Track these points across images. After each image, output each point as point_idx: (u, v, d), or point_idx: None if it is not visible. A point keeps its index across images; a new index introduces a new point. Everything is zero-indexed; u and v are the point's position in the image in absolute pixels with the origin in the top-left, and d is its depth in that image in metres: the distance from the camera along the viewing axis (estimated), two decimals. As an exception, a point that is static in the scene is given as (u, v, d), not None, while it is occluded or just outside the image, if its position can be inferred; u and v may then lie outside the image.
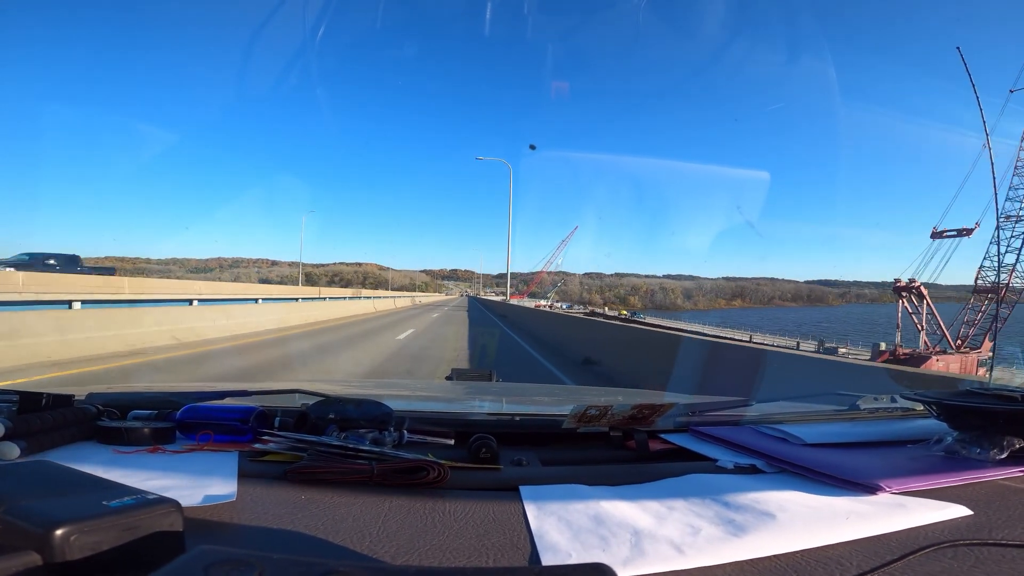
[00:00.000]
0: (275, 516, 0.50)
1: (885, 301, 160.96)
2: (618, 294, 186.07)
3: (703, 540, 0.46)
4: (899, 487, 0.58)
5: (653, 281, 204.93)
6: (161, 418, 0.77)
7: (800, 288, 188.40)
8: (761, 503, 0.54)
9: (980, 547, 0.46)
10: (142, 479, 0.56)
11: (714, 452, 0.75)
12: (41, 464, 0.45)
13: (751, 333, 35.07)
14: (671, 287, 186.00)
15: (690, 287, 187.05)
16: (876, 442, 0.79)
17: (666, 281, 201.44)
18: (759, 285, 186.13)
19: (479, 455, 0.69)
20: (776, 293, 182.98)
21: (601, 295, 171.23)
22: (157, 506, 0.37)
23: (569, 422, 0.79)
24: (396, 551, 0.44)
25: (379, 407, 0.77)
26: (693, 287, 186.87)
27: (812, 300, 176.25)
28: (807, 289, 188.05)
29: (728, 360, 4.32)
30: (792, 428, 0.81)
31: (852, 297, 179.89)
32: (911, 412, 0.96)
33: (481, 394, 1.48)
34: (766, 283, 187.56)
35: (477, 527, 0.49)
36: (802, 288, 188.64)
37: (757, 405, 1.11)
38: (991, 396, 0.74)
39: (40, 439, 0.64)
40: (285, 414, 0.79)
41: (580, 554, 0.44)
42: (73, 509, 0.34)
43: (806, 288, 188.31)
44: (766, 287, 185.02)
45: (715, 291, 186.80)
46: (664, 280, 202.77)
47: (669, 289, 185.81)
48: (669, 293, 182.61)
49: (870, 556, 0.44)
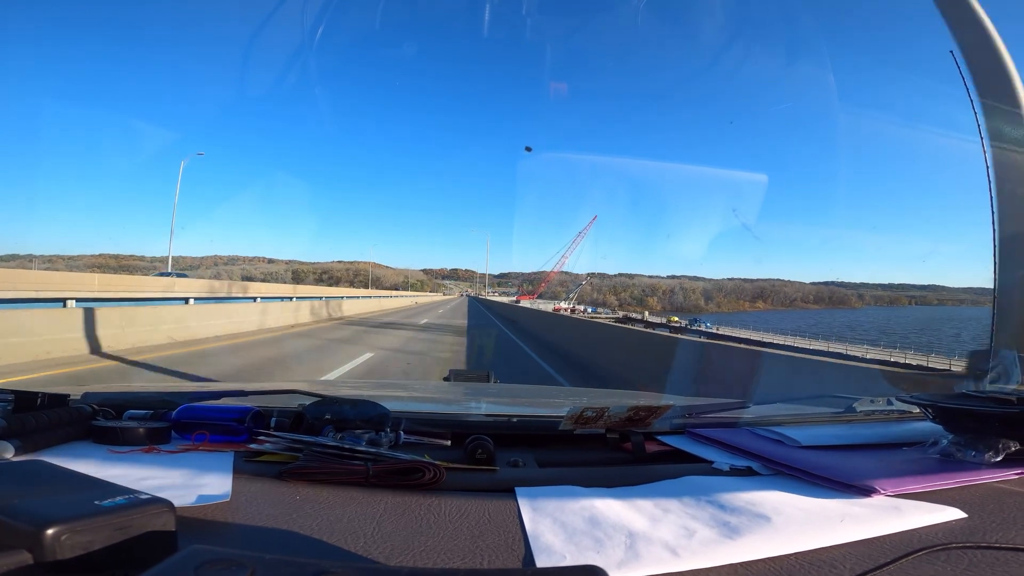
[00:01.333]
0: (270, 516, 0.50)
1: (902, 303, 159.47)
2: (633, 294, 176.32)
3: (697, 542, 0.46)
4: (894, 489, 0.58)
5: (669, 281, 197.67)
6: (157, 418, 0.77)
7: (820, 290, 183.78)
8: (756, 505, 0.54)
9: (974, 550, 0.46)
10: (137, 479, 0.56)
11: (710, 454, 0.75)
12: (35, 463, 0.45)
13: (845, 344, 30.13)
14: (690, 287, 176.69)
15: (709, 288, 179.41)
16: (872, 444, 0.79)
17: (685, 280, 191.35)
18: (780, 286, 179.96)
19: (475, 456, 0.69)
20: (797, 295, 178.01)
21: (616, 296, 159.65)
22: (150, 506, 0.37)
23: (566, 423, 0.79)
24: (391, 552, 0.43)
25: (375, 408, 0.77)
26: (712, 288, 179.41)
27: (833, 302, 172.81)
28: (827, 291, 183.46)
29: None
30: (788, 430, 0.81)
31: (869, 299, 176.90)
32: (907, 414, 0.97)
33: (478, 395, 1.48)
34: (787, 284, 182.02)
35: (472, 528, 0.49)
36: (822, 290, 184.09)
37: (754, 407, 1.11)
38: (986, 399, 0.75)
39: (35, 438, 0.64)
40: (281, 414, 0.79)
41: (574, 556, 0.44)
42: (65, 508, 0.34)
43: (827, 290, 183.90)
44: (787, 288, 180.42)
45: (735, 292, 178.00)
46: (667, 280, 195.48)
47: (689, 289, 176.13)
48: (689, 294, 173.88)
49: (864, 559, 0.44)
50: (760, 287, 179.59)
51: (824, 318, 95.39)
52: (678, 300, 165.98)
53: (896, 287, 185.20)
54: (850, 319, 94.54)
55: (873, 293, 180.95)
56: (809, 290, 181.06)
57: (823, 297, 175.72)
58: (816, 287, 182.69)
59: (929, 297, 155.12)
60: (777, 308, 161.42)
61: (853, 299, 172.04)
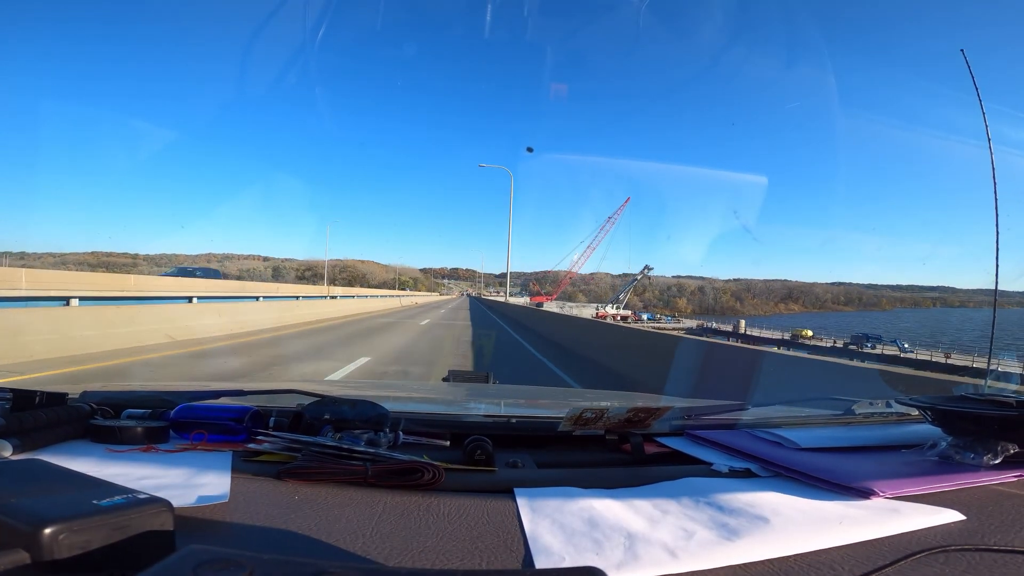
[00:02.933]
0: (268, 516, 0.50)
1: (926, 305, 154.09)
2: (656, 295, 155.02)
3: (696, 544, 0.46)
4: (893, 492, 0.58)
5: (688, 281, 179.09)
6: (155, 417, 0.77)
7: (849, 291, 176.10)
8: (755, 507, 0.54)
9: (972, 552, 0.46)
10: (135, 478, 0.55)
11: (709, 456, 0.75)
12: (32, 462, 0.45)
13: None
14: (721, 288, 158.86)
15: (738, 288, 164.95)
16: (871, 447, 0.79)
17: (716, 280, 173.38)
18: (810, 287, 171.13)
19: (474, 457, 0.69)
20: (827, 295, 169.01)
21: (638, 296, 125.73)
22: (148, 505, 0.37)
23: (565, 424, 0.79)
24: (389, 552, 0.43)
25: (374, 408, 0.77)
26: (741, 288, 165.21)
27: (864, 304, 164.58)
28: (856, 292, 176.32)
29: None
30: (787, 432, 0.81)
31: (897, 301, 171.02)
32: (906, 417, 0.97)
33: (477, 396, 1.48)
34: (816, 285, 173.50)
35: (471, 529, 0.49)
36: (851, 291, 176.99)
37: (753, 409, 1.11)
38: (985, 401, 0.75)
39: (33, 437, 0.64)
40: (280, 414, 0.79)
41: (573, 557, 0.44)
42: (63, 508, 0.34)
43: (854, 291, 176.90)
44: (817, 289, 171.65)
45: (764, 292, 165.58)
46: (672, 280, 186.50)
47: (720, 290, 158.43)
48: (721, 295, 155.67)
49: (862, 561, 0.44)
50: (788, 288, 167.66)
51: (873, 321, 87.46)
52: (708, 301, 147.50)
53: (904, 288, 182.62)
54: (895, 322, 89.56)
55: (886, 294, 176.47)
56: (839, 291, 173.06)
57: (853, 299, 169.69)
58: (846, 288, 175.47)
59: (950, 299, 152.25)
60: (810, 310, 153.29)
61: (884, 301, 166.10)
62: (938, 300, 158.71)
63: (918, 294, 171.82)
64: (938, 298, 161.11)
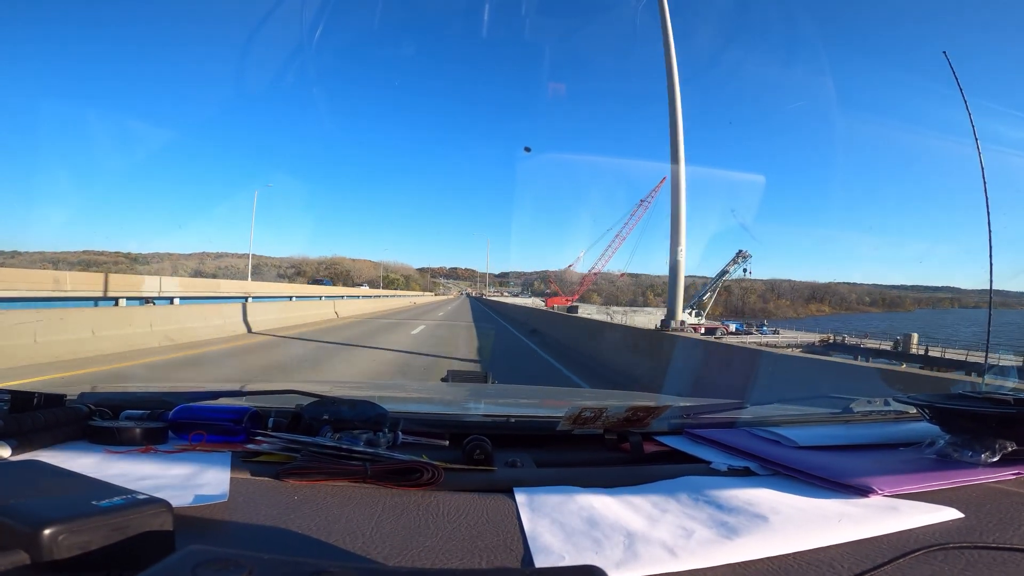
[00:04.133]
0: (267, 516, 0.50)
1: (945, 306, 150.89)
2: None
3: (696, 542, 0.46)
4: (891, 490, 0.58)
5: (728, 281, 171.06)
6: (153, 418, 0.77)
7: (872, 291, 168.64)
8: (754, 505, 0.54)
9: (970, 550, 0.46)
10: (133, 479, 0.55)
11: (708, 454, 0.76)
12: (31, 463, 0.45)
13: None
14: (749, 287, 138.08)
15: (764, 289, 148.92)
16: (869, 445, 0.79)
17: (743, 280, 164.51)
18: (835, 287, 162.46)
19: (473, 456, 0.69)
20: (852, 295, 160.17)
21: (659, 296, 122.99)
22: (147, 506, 0.37)
23: (564, 424, 0.79)
24: (389, 552, 0.43)
25: (373, 408, 0.77)
26: (765, 288, 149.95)
27: (887, 304, 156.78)
28: (878, 292, 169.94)
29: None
30: (786, 431, 0.81)
31: (925, 302, 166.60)
32: (904, 415, 0.97)
33: (476, 396, 1.48)
34: (841, 285, 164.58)
35: (470, 529, 0.49)
36: (873, 291, 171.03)
37: (751, 407, 1.11)
38: (983, 399, 0.75)
39: (31, 438, 0.64)
40: (279, 415, 0.79)
41: (573, 556, 0.44)
42: (62, 509, 0.34)
43: (877, 291, 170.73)
44: (842, 289, 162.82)
45: (790, 292, 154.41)
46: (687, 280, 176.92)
47: (748, 289, 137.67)
48: (748, 295, 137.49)
49: (861, 559, 0.44)
50: (813, 288, 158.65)
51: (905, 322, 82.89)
52: (734, 302, 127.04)
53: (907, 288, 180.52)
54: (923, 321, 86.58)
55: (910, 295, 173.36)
56: (864, 291, 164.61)
57: (877, 299, 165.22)
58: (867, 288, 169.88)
59: (965, 299, 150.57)
60: (838, 312, 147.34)
61: (908, 302, 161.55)
62: (954, 300, 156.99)
63: (932, 294, 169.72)
64: (954, 298, 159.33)
